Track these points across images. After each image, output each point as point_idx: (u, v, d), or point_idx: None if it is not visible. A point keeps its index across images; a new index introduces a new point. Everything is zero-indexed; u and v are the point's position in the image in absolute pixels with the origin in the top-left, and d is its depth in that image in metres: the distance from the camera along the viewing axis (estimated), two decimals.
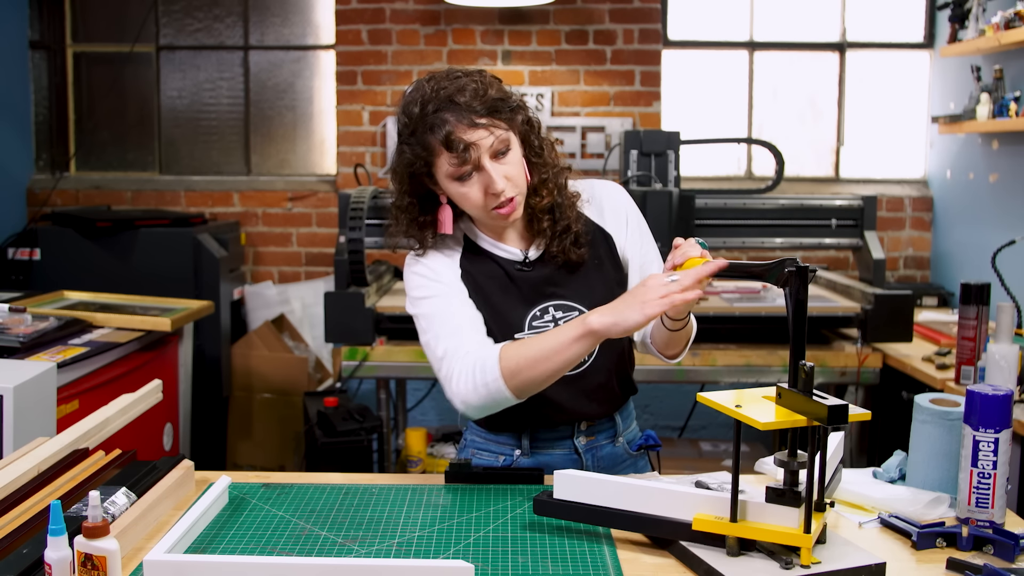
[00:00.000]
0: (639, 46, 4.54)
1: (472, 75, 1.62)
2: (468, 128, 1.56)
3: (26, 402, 2.02)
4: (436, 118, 1.57)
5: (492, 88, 1.61)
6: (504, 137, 1.60)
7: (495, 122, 1.59)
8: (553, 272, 1.72)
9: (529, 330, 1.69)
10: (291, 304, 4.46)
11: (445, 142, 1.56)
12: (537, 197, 1.69)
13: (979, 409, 1.45)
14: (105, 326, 2.86)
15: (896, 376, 3.01)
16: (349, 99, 4.59)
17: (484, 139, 1.57)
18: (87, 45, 4.73)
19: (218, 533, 1.44)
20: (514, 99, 1.65)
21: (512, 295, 1.71)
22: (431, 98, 1.58)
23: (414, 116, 1.59)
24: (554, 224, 1.71)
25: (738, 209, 3.15)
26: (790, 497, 1.29)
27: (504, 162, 1.61)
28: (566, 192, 1.73)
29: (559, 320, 1.69)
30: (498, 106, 1.59)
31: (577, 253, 1.70)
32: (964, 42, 3.75)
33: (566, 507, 1.45)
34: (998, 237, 3.59)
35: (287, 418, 4.04)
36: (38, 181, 4.67)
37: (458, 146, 1.56)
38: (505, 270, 1.72)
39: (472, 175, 1.60)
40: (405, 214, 1.69)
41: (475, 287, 1.72)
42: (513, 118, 1.63)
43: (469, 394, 1.56)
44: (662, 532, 1.38)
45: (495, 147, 1.59)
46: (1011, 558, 1.34)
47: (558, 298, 1.71)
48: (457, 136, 1.56)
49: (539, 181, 1.69)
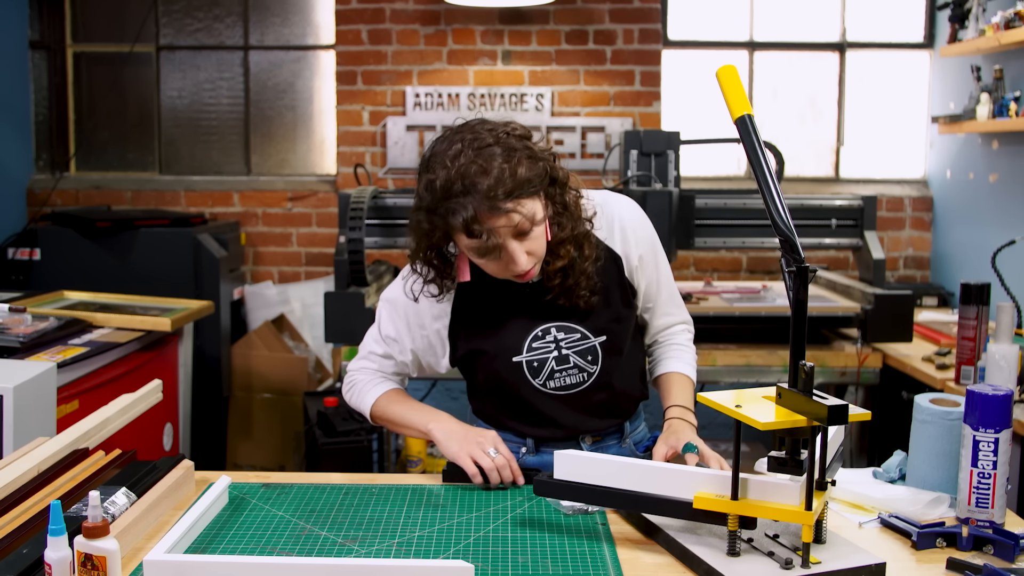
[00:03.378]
0: (639, 46, 4.54)
1: (503, 144, 1.52)
2: (490, 215, 1.49)
3: (26, 402, 2.02)
4: (457, 203, 1.50)
5: (522, 164, 1.52)
6: (529, 215, 1.53)
7: (520, 203, 1.51)
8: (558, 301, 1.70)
9: (528, 352, 1.69)
10: (291, 304, 4.46)
11: (465, 229, 1.51)
12: (555, 259, 1.63)
13: (979, 409, 1.45)
14: (105, 326, 2.86)
15: (896, 376, 3.01)
16: (349, 99, 4.59)
17: (507, 225, 1.51)
18: (87, 45, 4.73)
19: (218, 533, 1.43)
20: (541, 167, 1.55)
21: (512, 316, 1.70)
22: (455, 179, 1.49)
23: (435, 194, 1.52)
24: (565, 280, 1.66)
25: (738, 209, 3.15)
26: (792, 466, 1.28)
27: (528, 239, 1.56)
28: (585, 248, 1.66)
29: (560, 341, 1.69)
30: (524, 188, 1.51)
31: (587, 301, 1.67)
32: (964, 42, 3.75)
33: (566, 487, 1.45)
34: (998, 237, 3.59)
35: (287, 418, 4.04)
36: (38, 181, 4.67)
37: (479, 233, 1.51)
38: (505, 290, 1.69)
39: (494, 252, 1.55)
40: (423, 263, 1.67)
41: (472, 310, 1.72)
42: (539, 190, 1.56)
43: (348, 401, 1.89)
44: (663, 511, 1.38)
45: (519, 228, 1.53)
46: (1011, 558, 1.34)
47: (561, 319, 1.70)
48: (478, 225, 1.50)
49: (558, 241, 1.63)
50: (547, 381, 1.70)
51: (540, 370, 1.70)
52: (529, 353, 1.69)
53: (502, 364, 1.70)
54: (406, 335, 1.77)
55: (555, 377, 1.70)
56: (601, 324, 1.70)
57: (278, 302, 4.41)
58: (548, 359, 1.69)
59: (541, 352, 1.69)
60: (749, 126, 1.38)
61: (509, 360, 1.69)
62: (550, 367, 1.69)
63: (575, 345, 1.69)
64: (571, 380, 1.71)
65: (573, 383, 1.71)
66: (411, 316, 1.76)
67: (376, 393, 1.80)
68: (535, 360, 1.69)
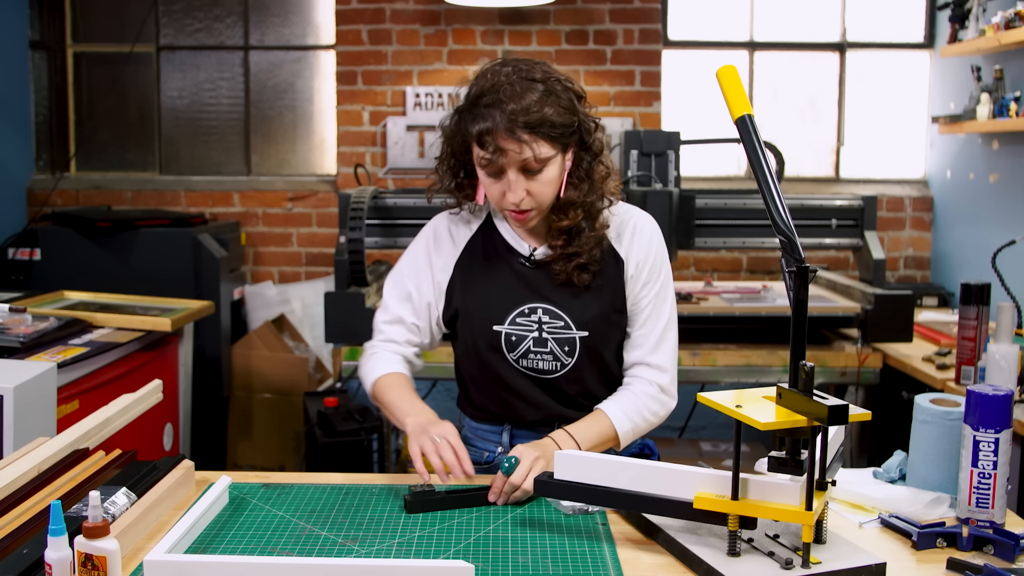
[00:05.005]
0: (639, 46, 4.54)
1: (547, 83, 1.58)
2: (506, 136, 1.55)
3: (26, 402, 2.02)
4: (480, 112, 1.57)
5: (555, 107, 1.57)
6: (543, 157, 1.58)
7: (537, 140, 1.56)
8: (554, 277, 1.71)
9: (510, 325, 1.69)
10: (291, 304, 4.46)
11: (479, 138, 1.58)
12: (561, 215, 1.67)
13: (979, 409, 1.45)
14: (105, 326, 2.85)
15: (896, 376, 3.01)
16: (349, 99, 4.59)
17: (516, 152, 1.56)
18: (87, 45, 4.73)
19: (218, 533, 1.43)
20: (576, 123, 1.61)
21: (505, 287, 1.72)
22: (488, 91, 1.58)
23: (469, 98, 1.61)
24: (566, 246, 1.69)
25: (738, 209, 3.15)
26: (792, 466, 1.28)
27: (533, 178, 1.60)
28: (596, 223, 1.69)
29: (544, 324, 1.69)
30: (546, 127, 1.56)
31: (580, 279, 1.69)
32: (964, 42, 3.75)
33: (566, 487, 1.45)
34: (998, 237, 3.59)
35: (287, 418, 4.04)
36: (38, 181, 4.67)
37: (489, 147, 1.57)
38: (507, 261, 1.73)
39: (498, 176, 1.61)
40: (446, 169, 1.72)
41: (472, 270, 1.74)
42: (566, 140, 1.61)
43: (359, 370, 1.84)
44: (663, 511, 1.38)
45: (527, 163, 1.58)
46: (1011, 558, 1.34)
47: (551, 303, 1.70)
48: (492, 139, 1.56)
49: (568, 203, 1.66)
50: (521, 359, 1.71)
51: (516, 346, 1.70)
52: (510, 326, 1.70)
53: (482, 331, 1.71)
54: (425, 275, 1.78)
55: (529, 357, 1.70)
56: (587, 319, 1.70)
57: (278, 302, 4.41)
58: (527, 337, 1.70)
59: (522, 328, 1.69)
60: (749, 126, 1.38)
61: (489, 328, 1.70)
62: (527, 346, 1.70)
63: (556, 332, 1.69)
64: (544, 365, 1.71)
65: (545, 368, 1.71)
66: (422, 262, 1.78)
67: (378, 373, 1.78)
68: (514, 335, 1.70)
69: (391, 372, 1.77)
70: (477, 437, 1.85)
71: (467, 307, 1.74)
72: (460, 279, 1.76)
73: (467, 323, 1.75)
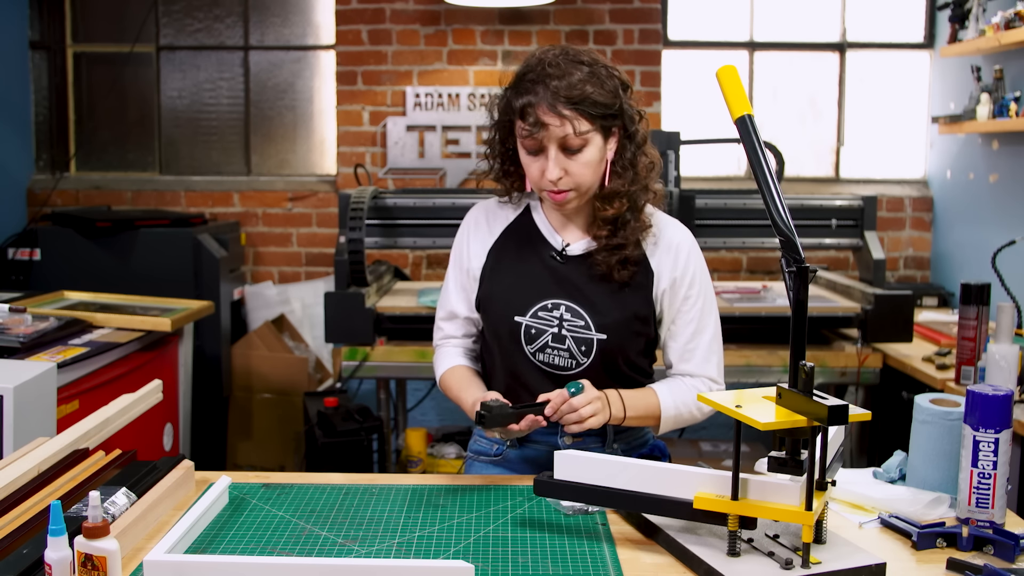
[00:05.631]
0: (639, 46, 4.54)
1: (593, 67, 1.62)
2: (548, 110, 1.59)
3: (26, 402, 2.02)
4: (528, 86, 1.61)
5: (599, 87, 1.61)
6: (584, 135, 1.60)
7: (578, 117, 1.59)
8: (583, 275, 1.71)
9: (531, 318, 1.70)
10: (291, 304, 4.46)
11: (522, 111, 1.61)
12: (606, 204, 1.69)
13: (979, 409, 1.45)
14: (105, 326, 2.85)
15: (896, 376, 3.01)
16: (349, 99, 4.59)
17: (557, 127, 1.59)
18: (87, 45, 4.73)
19: (218, 533, 1.43)
20: (618, 107, 1.64)
21: (532, 279, 1.73)
22: (534, 67, 1.62)
23: (519, 74, 1.66)
24: (611, 236, 1.70)
25: (738, 209, 3.15)
26: (792, 466, 1.28)
27: (572, 158, 1.62)
28: (640, 215, 1.71)
29: (564, 322, 1.69)
30: (588, 105, 1.59)
31: (620, 274, 1.70)
32: (964, 42, 3.75)
33: (566, 487, 1.45)
34: (998, 237, 3.59)
35: (287, 418, 4.04)
36: (38, 181, 4.67)
37: (530, 119, 1.59)
38: (539, 254, 1.74)
39: (538, 153, 1.64)
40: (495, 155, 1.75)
41: (503, 258, 1.76)
42: (608, 124, 1.64)
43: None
44: (663, 511, 1.38)
45: (567, 140, 1.60)
46: (1011, 558, 1.34)
47: (574, 301, 1.70)
48: (533, 111, 1.59)
49: (612, 192, 1.68)
50: (538, 352, 1.71)
51: (535, 339, 1.70)
52: (531, 318, 1.70)
53: (503, 320, 1.72)
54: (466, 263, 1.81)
55: (546, 352, 1.71)
56: (607, 322, 1.69)
57: (278, 302, 4.41)
58: (547, 331, 1.70)
59: (543, 322, 1.70)
60: (749, 126, 1.38)
61: (511, 318, 1.71)
62: (545, 340, 1.70)
63: (576, 331, 1.69)
64: (560, 361, 1.71)
65: (561, 365, 1.71)
66: (463, 250, 1.81)
67: (441, 370, 1.84)
68: (534, 328, 1.70)
69: (452, 367, 1.82)
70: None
71: (493, 294, 1.76)
72: (492, 265, 1.77)
73: (491, 310, 1.76)
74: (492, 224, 1.81)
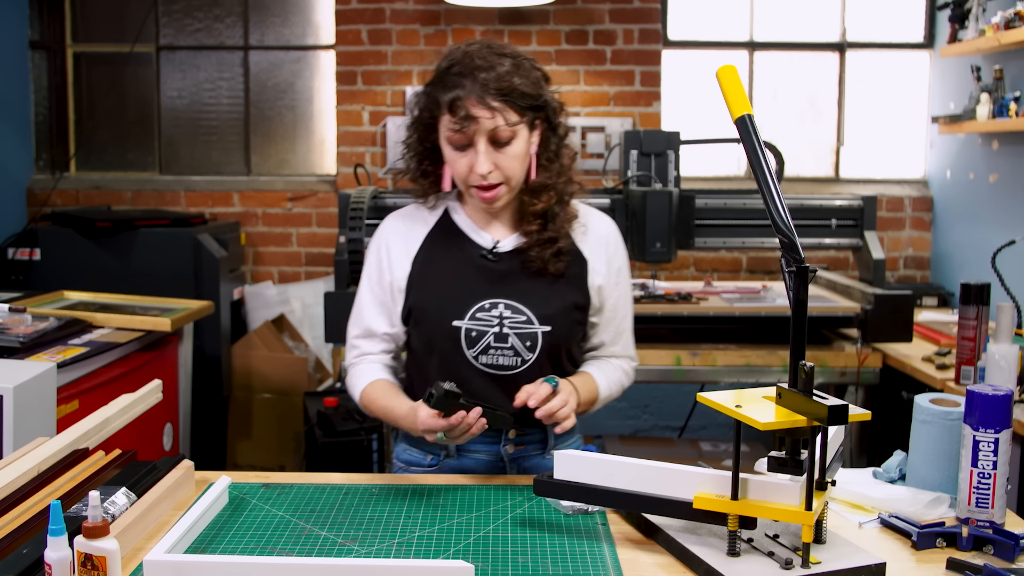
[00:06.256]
0: (639, 46, 4.54)
1: (515, 59, 1.64)
2: (476, 103, 1.59)
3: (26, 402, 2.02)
4: (454, 80, 1.61)
5: (524, 79, 1.62)
6: (512, 127, 1.61)
7: (507, 109, 1.60)
8: (517, 270, 1.71)
9: (470, 320, 1.68)
10: (291, 304, 4.46)
11: (450, 105, 1.60)
12: (534, 198, 1.70)
13: (979, 409, 1.45)
14: (105, 326, 2.86)
15: (896, 376, 3.01)
16: (349, 99, 4.59)
17: (487, 120, 1.60)
18: (87, 45, 4.73)
19: (218, 533, 1.43)
20: (543, 99, 1.66)
21: (464, 281, 1.71)
22: (459, 61, 1.62)
23: (440, 70, 1.65)
24: (542, 231, 1.71)
25: (738, 209, 3.15)
26: (792, 466, 1.28)
27: (501, 151, 1.63)
28: (567, 207, 1.73)
29: (505, 319, 1.68)
30: (516, 96, 1.61)
31: (555, 266, 1.71)
32: (964, 42, 3.75)
33: (566, 487, 1.45)
34: (998, 237, 3.59)
35: (287, 418, 4.04)
36: (38, 181, 4.67)
37: (459, 112, 1.59)
38: (468, 254, 1.73)
39: (466, 148, 1.63)
40: (412, 156, 1.75)
41: (430, 265, 1.73)
42: (531, 114, 1.65)
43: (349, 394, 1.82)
44: (663, 511, 1.38)
45: (496, 133, 1.61)
46: (1011, 558, 1.35)
47: (513, 298, 1.70)
48: (463, 104, 1.59)
49: (541, 185, 1.70)
50: (480, 355, 1.69)
51: (477, 341, 1.68)
52: (471, 321, 1.68)
53: (440, 327, 1.69)
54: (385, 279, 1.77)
55: (489, 353, 1.69)
56: (550, 312, 1.70)
57: (278, 302, 4.41)
58: (488, 332, 1.68)
59: (483, 323, 1.68)
60: (749, 126, 1.38)
61: (449, 324, 1.69)
62: (487, 341, 1.68)
63: (518, 327, 1.69)
64: (505, 361, 1.69)
65: (506, 364, 1.69)
66: (373, 270, 1.78)
67: (361, 386, 1.78)
68: (474, 330, 1.68)
69: (375, 380, 1.77)
70: (423, 440, 1.78)
71: (425, 302, 1.72)
72: (418, 273, 1.74)
73: (424, 320, 1.73)
74: (411, 233, 1.77)
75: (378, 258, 1.78)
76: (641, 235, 2.99)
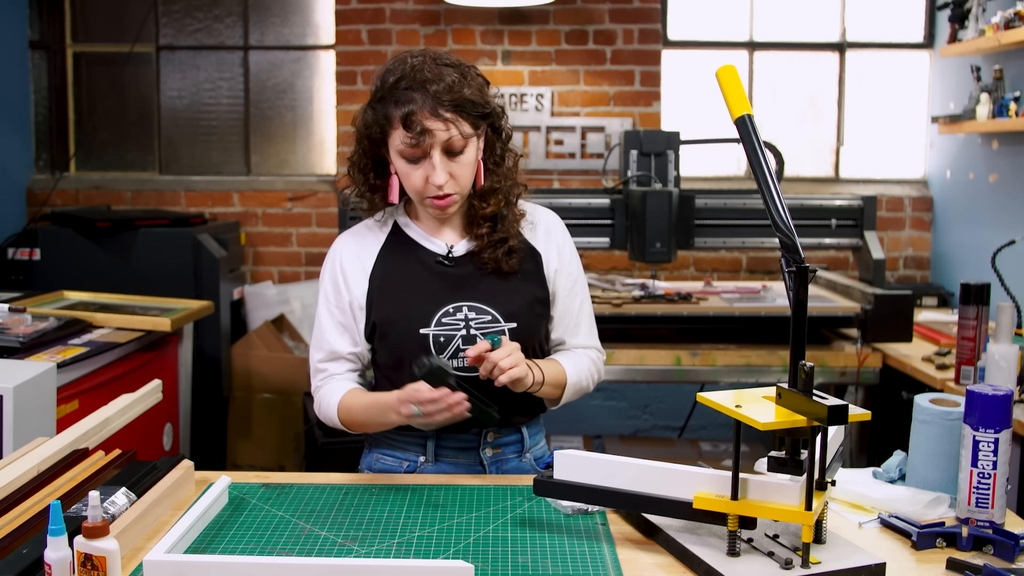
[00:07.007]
0: (639, 46, 4.54)
1: (459, 68, 1.65)
2: (430, 116, 1.60)
3: (26, 402, 2.02)
4: (404, 95, 1.61)
5: (471, 88, 1.64)
6: (464, 135, 1.63)
7: (459, 119, 1.62)
8: (475, 272, 1.73)
9: (436, 327, 1.68)
10: (291, 304, 4.46)
11: (404, 120, 1.60)
12: (483, 203, 1.72)
13: (979, 409, 1.45)
14: (105, 326, 2.86)
15: (896, 376, 3.01)
16: (349, 99, 4.59)
17: (441, 131, 1.61)
18: (87, 45, 4.73)
19: (218, 533, 1.44)
20: (490, 105, 1.68)
21: (426, 289, 1.72)
22: (408, 75, 1.62)
23: (387, 85, 1.64)
24: (492, 232, 1.73)
25: (738, 209, 3.15)
26: (792, 466, 1.28)
27: (455, 160, 1.64)
28: (514, 208, 1.76)
29: (471, 321, 1.69)
30: (467, 107, 1.62)
31: (509, 264, 1.73)
32: (964, 42, 3.75)
33: (566, 487, 1.45)
34: (998, 237, 3.59)
35: (287, 418, 4.04)
36: (38, 181, 4.67)
37: (415, 127, 1.59)
38: (425, 263, 1.74)
39: (420, 160, 1.64)
40: (358, 171, 1.75)
41: (388, 278, 1.73)
42: (481, 123, 1.67)
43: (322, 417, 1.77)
44: (663, 511, 1.38)
45: (450, 143, 1.62)
46: (1011, 558, 1.35)
47: (475, 299, 1.71)
48: (417, 119, 1.59)
49: (489, 188, 1.72)
50: (451, 360, 1.69)
51: (446, 347, 1.68)
52: (437, 327, 1.68)
53: (407, 337, 1.68)
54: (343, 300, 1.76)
55: (459, 356, 1.69)
56: (514, 309, 1.71)
57: (278, 302, 4.41)
58: (456, 336, 1.68)
59: (450, 328, 1.69)
60: (749, 126, 1.38)
61: (416, 332, 1.68)
62: (456, 345, 1.68)
63: (484, 327, 1.69)
64: None
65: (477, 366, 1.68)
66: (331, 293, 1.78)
67: (335, 402, 1.73)
68: (442, 336, 1.68)
69: (350, 389, 1.74)
70: (397, 446, 1.78)
71: (389, 316, 1.71)
72: (378, 288, 1.73)
73: (391, 332, 1.71)
74: (364, 251, 1.77)
75: (334, 280, 1.77)
76: (641, 235, 2.99)
